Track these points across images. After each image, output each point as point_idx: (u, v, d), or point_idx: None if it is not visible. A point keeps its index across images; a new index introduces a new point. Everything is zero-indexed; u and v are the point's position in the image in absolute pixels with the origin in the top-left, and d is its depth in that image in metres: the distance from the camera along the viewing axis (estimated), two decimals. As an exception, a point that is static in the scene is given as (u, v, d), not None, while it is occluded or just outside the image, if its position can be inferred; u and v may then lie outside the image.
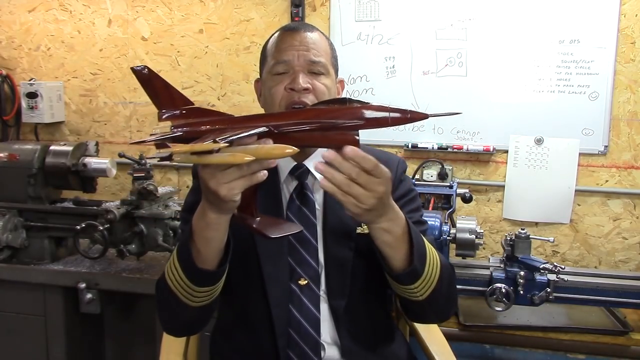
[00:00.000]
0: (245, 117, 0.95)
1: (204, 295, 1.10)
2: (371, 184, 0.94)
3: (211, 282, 1.08)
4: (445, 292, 1.16)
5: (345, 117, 0.92)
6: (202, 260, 1.04)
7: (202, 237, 1.02)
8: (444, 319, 1.30)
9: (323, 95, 1.20)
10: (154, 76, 0.97)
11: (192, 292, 1.09)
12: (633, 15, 2.19)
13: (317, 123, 0.92)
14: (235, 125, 0.93)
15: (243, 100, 2.55)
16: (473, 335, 1.90)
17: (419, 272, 1.08)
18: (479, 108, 2.32)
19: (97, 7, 2.64)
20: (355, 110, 0.92)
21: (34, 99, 2.61)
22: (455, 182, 2.16)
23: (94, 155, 2.14)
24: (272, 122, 0.92)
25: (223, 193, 0.91)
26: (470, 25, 2.30)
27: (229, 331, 1.30)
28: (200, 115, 0.96)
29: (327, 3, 2.42)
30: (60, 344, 2.09)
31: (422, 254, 1.08)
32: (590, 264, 2.33)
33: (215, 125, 0.94)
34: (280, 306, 1.20)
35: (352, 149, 0.92)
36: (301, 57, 1.19)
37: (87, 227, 1.95)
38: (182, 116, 0.97)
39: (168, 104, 0.98)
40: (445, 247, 1.91)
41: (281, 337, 1.20)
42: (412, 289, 1.10)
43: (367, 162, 0.93)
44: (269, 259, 1.21)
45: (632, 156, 2.25)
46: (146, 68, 0.97)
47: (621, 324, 1.91)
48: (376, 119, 0.92)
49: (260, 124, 0.92)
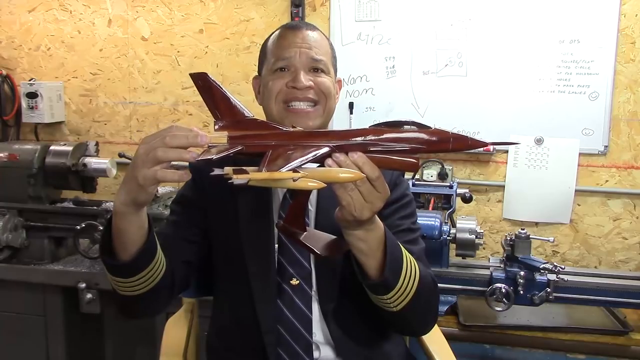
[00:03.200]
0: (306, 132, 0.95)
1: (128, 285, 1.08)
2: (371, 195, 0.94)
3: (126, 274, 1.06)
4: (423, 306, 1.13)
5: (407, 141, 0.92)
6: (118, 249, 1.03)
7: (115, 226, 1.01)
8: (420, 332, 1.28)
9: (327, 89, 1.20)
10: (213, 84, 0.96)
11: (113, 280, 1.09)
12: (633, 15, 2.19)
13: (379, 145, 0.92)
14: (297, 142, 0.92)
15: (243, 100, 2.51)
16: (473, 335, 1.90)
17: (391, 284, 1.05)
18: (479, 108, 2.32)
19: (97, 7, 2.65)
20: (419, 135, 0.92)
21: (34, 99, 2.61)
22: (455, 182, 2.16)
23: (94, 155, 2.14)
24: (334, 142, 0.92)
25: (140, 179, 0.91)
26: (470, 25, 2.30)
27: (222, 330, 1.31)
28: (258, 128, 0.95)
29: (327, 3, 2.42)
30: (60, 344, 2.09)
31: (396, 266, 1.05)
32: (590, 264, 2.33)
33: (277, 140, 0.92)
34: (265, 302, 1.19)
35: (360, 156, 0.92)
36: (303, 55, 1.19)
37: (87, 227, 1.96)
38: (239, 127, 0.95)
39: (226, 113, 0.96)
40: (445, 247, 1.91)
41: (268, 334, 1.19)
42: (385, 300, 1.08)
43: (373, 171, 0.92)
44: (254, 257, 1.21)
45: (632, 156, 2.25)
46: (206, 75, 0.96)
47: (621, 324, 1.91)
48: (437, 144, 0.92)
49: (323, 142, 0.92)
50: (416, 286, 1.08)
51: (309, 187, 0.87)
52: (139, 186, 0.93)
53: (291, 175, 0.85)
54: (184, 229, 1.24)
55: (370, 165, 0.92)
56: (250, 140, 0.93)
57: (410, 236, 1.23)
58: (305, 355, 1.19)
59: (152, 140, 0.91)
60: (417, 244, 1.25)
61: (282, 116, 1.19)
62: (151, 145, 0.90)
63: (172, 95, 2.63)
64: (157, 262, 1.09)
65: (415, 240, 1.25)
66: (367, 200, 0.94)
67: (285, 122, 1.17)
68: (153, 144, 0.90)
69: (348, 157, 0.91)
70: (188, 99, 2.61)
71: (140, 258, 1.05)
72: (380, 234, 1.04)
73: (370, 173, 0.92)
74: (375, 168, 0.92)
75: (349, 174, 0.89)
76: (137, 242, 1.03)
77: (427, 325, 1.23)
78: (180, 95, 2.62)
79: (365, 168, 0.92)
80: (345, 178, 0.90)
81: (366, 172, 0.92)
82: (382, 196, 0.96)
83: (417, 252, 1.21)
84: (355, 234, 1.02)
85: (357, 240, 1.03)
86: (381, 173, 0.94)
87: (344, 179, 0.90)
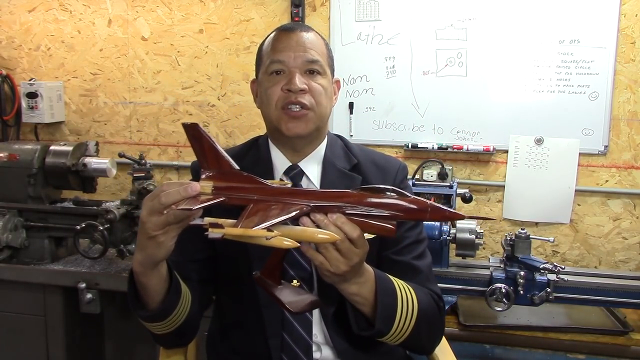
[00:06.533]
0: (288, 190, 0.97)
1: (163, 325, 1.14)
2: (349, 252, 0.96)
3: (158, 319, 1.12)
4: (425, 335, 1.17)
5: (387, 207, 0.93)
6: (145, 299, 1.09)
7: (137, 282, 1.06)
8: (426, 352, 1.31)
9: (320, 96, 1.20)
10: (203, 135, 0.99)
11: (148, 325, 1.15)
12: (633, 15, 2.19)
13: (358, 210, 0.94)
14: (278, 198, 0.95)
15: (243, 100, 2.55)
16: (473, 335, 1.90)
17: (384, 332, 1.10)
18: (479, 108, 2.32)
19: (97, 7, 2.64)
20: (398, 204, 0.93)
21: (34, 99, 2.61)
22: (455, 182, 2.16)
23: (94, 155, 2.14)
24: (315, 202, 0.94)
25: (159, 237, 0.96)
26: (470, 25, 2.30)
27: (225, 332, 1.31)
28: (242, 181, 0.98)
29: (327, 3, 2.42)
30: (60, 344, 2.09)
31: (389, 315, 1.09)
32: (590, 264, 2.33)
33: (259, 195, 0.95)
34: (271, 307, 1.20)
35: (339, 216, 0.93)
36: (298, 58, 1.19)
37: (87, 227, 1.95)
38: (224, 178, 0.98)
39: (213, 164, 0.99)
40: (445, 247, 1.91)
41: (273, 338, 1.20)
42: (382, 340, 1.13)
43: (354, 231, 0.94)
44: (261, 260, 1.21)
45: (632, 156, 2.25)
46: (197, 125, 0.99)
47: (621, 324, 1.91)
48: (416, 213, 0.93)
49: (303, 201, 0.94)
50: (414, 322, 1.12)
51: (283, 246, 0.90)
52: (151, 239, 0.96)
53: (265, 233, 0.88)
54: (190, 251, 1.24)
55: (350, 225, 0.93)
56: (234, 192, 0.96)
57: (417, 250, 1.25)
58: (304, 357, 1.19)
59: (150, 202, 0.95)
60: (424, 258, 1.26)
61: (280, 120, 1.20)
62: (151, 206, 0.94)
63: (172, 95, 2.63)
64: (184, 298, 1.14)
65: (422, 255, 1.26)
66: (344, 256, 0.96)
67: (281, 125, 1.19)
68: (152, 205, 0.94)
69: (327, 217, 0.93)
70: (188, 99, 2.61)
71: (167, 303, 1.10)
72: (372, 286, 1.07)
73: (350, 232, 0.94)
74: (355, 227, 0.94)
75: (325, 235, 0.92)
76: (160, 291, 1.08)
77: (432, 344, 1.27)
78: (180, 95, 2.62)
79: (345, 228, 0.93)
80: (321, 239, 0.92)
81: (346, 232, 0.93)
82: (361, 252, 0.98)
83: (425, 268, 1.24)
84: (348, 289, 1.05)
85: (351, 295, 1.06)
86: (362, 232, 0.95)
87: (320, 239, 0.92)
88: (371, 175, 1.26)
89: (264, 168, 1.25)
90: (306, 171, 1.25)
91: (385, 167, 1.30)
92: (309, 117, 1.19)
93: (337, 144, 1.31)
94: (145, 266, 1.02)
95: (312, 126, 1.21)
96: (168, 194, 0.92)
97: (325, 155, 1.27)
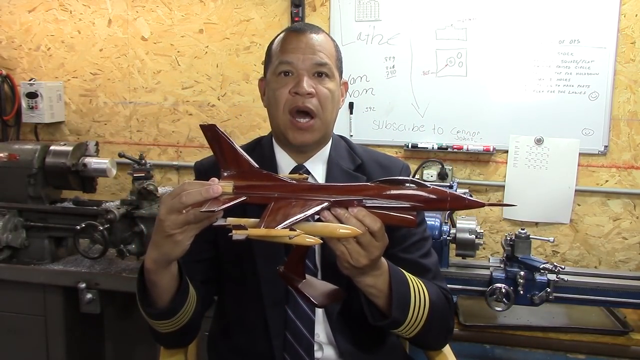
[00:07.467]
0: (308, 185, 0.98)
1: (165, 324, 1.15)
2: (370, 245, 0.96)
3: (165, 317, 1.13)
4: (436, 328, 1.18)
5: (407, 198, 0.93)
6: (154, 297, 1.09)
7: (147, 279, 1.07)
8: (437, 348, 1.33)
9: (326, 100, 1.19)
10: (221, 135, 1.00)
11: (154, 323, 1.16)
12: (633, 15, 2.19)
13: (379, 203, 0.94)
14: (299, 195, 0.95)
15: (243, 100, 2.55)
16: (473, 335, 1.90)
17: (400, 321, 1.10)
18: (479, 108, 2.32)
19: (97, 7, 2.64)
20: (418, 194, 0.93)
21: (34, 99, 2.61)
22: (455, 182, 2.16)
23: (94, 155, 2.14)
24: (335, 196, 0.94)
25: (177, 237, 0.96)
26: (470, 25, 2.30)
27: (226, 332, 1.31)
28: (262, 179, 0.99)
29: (327, 3, 2.42)
30: (60, 344, 2.09)
31: (404, 304, 1.10)
32: (590, 264, 2.33)
33: (279, 192, 0.96)
34: (275, 307, 1.21)
35: (360, 209, 0.93)
36: (306, 60, 1.18)
37: (87, 227, 1.95)
38: (244, 177, 0.99)
39: (232, 163, 1.00)
40: (445, 247, 1.91)
41: (276, 338, 1.20)
42: (397, 332, 1.14)
43: (375, 223, 0.94)
44: (266, 260, 1.21)
45: (632, 156, 2.25)
46: (214, 126, 1.00)
47: (621, 324, 1.91)
48: (436, 203, 0.93)
49: (323, 197, 0.95)
50: (427, 314, 1.13)
51: (306, 243, 0.90)
52: (168, 237, 0.96)
53: (288, 233, 0.88)
54: (195, 252, 1.24)
55: (371, 218, 0.94)
56: (254, 191, 0.97)
57: (424, 248, 1.26)
58: (306, 357, 1.19)
59: (170, 200, 0.94)
60: (431, 256, 1.27)
61: (287, 127, 1.20)
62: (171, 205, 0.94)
63: (172, 95, 2.63)
64: (190, 297, 1.14)
65: (429, 253, 1.27)
66: (365, 249, 0.97)
67: (287, 134, 1.20)
68: (172, 204, 0.93)
69: (348, 210, 0.93)
70: (188, 99, 2.61)
71: (176, 301, 1.10)
72: (387, 278, 1.08)
73: (371, 225, 0.94)
74: (376, 219, 0.94)
75: (347, 229, 0.92)
76: (170, 290, 1.09)
77: (443, 341, 1.29)
78: (180, 95, 2.62)
79: (366, 220, 0.94)
80: (343, 234, 0.93)
81: (367, 225, 0.94)
82: (381, 245, 0.98)
83: (432, 266, 1.25)
84: (364, 281, 1.05)
85: (366, 287, 1.07)
86: (382, 224, 0.95)
87: (342, 234, 0.93)
88: (375, 175, 1.26)
89: (268, 168, 1.24)
90: (312, 171, 1.25)
91: (389, 167, 1.31)
92: (315, 127, 1.20)
93: (341, 145, 1.32)
94: (159, 264, 1.02)
95: (317, 135, 1.22)
96: (189, 194, 0.92)
97: (330, 156, 1.28)
